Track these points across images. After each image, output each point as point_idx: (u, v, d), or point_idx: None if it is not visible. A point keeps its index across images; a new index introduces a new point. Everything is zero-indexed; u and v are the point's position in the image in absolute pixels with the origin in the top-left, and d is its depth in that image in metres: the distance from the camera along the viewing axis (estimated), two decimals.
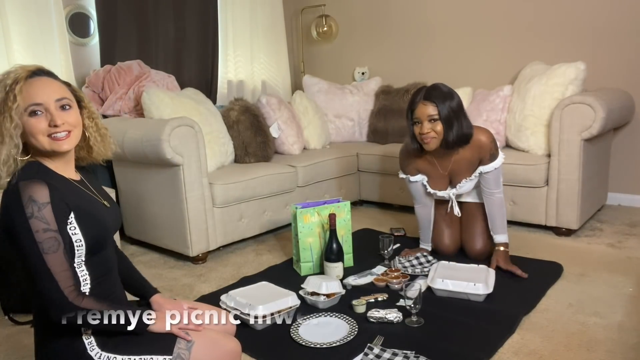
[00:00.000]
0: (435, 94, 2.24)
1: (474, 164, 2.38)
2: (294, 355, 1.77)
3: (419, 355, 1.70)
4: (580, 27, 3.39)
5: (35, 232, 1.12)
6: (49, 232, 1.14)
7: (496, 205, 2.43)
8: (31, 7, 3.04)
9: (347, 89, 4.07)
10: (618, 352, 1.72)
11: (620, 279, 2.28)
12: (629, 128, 3.35)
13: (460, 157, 2.37)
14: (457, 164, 2.40)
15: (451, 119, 2.23)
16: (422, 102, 2.25)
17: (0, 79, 1.20)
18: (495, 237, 2.44)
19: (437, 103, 2.22)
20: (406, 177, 2.54)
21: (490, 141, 2.33)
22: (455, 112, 2.24)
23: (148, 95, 2.86)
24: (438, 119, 2.22)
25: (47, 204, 1.14)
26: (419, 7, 4.05)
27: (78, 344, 1.22)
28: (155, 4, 3.71)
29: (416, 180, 2.52)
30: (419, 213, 2.64)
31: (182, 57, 3.92)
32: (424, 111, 2.23)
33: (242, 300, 1.99)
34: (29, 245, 1.12)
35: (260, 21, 4.34)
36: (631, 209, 3.33)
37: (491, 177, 2.38)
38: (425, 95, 2.25)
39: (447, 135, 2.24)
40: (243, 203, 2.88)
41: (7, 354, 1.88)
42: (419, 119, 2.26)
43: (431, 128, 2.23)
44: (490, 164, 2.35)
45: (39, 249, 1.12)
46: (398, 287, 2.22)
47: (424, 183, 2.51)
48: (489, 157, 2.34)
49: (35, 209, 1.13)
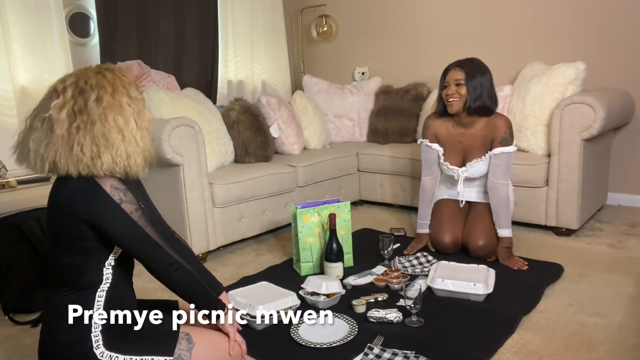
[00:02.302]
0: (468, 63, 2.49)
1: (486, 144, 2.51)
2: (294, 355, 1.77)
3: (419, 355, 1.70)
4: (580, 27, 3.39)
5: (130, 214, 1.22)
6: (139, 210, 1.25)
7: (501, 197, 2.47)
8: (31, 7, 3.04)
9: (347, 89, 4.06)
10: (618, 352, 1.72)
11: (620, 279, 2.28)
12: (629, 128, 3.35)
13: (477, 131, 2.52)
14: (473, 138, 2.53)
15: (477, 87, 2.44)
16: (454, 68, 2.50)
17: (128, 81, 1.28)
18: (499, 231, 2.50)
19: (466, 70, 2.45)
20: (424, 142, 2.65)
21: (507, 126, 2.48)
22: (482, 83, 2.45)
23: (148, 95, 2.86)
24: (464, 84, 2.44)
25: (127, 190, 1.25)
26: (419, 7, 4.05)
27: (85, 341, 1.23)
28: (155, 4, 3.71)
29: (433, 148, 2.62)
30: (425, 185, 2.69)
31: (182, 57, 3.92)
32: (453, 75, 2.48)
33: (242, 300, 1.99)
34: (129, 226, 1.22)
35: (260, 21, 4.34)
36: (631, 209, 3.33)
37: (499, 162, 2.46)
38: (459, 63, 2.50)
39: (470, 100, 2.44)
40: (243, 203, 2.88)
41: (7, 354, 1.88)
42: (448, 82, 2.49)
43: (456, 90, 2.45)
44: (500, 148, 2.46)
45: (139, 226, 1.23)
46: (398, 287, 2.22)
47: (439, 154, 2.61)
48: (501, 140, 2.46)
49: (121, 195, 1.22)
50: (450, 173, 2.63)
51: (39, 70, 3.12)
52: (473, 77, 2.44)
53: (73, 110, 1.19)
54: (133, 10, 3.59)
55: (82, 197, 1.20)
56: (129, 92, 1.25)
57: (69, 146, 1.18)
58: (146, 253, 1.26)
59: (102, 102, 1.20)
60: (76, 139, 1.18)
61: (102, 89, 1.21)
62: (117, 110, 1.22)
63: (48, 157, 1.19)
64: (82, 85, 1.21)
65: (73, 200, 1.20)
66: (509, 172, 2.50)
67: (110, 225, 1.21)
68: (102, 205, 1.20)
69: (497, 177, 2.48)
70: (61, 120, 1.18)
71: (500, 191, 2.48)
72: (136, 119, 1.25)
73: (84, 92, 1.20)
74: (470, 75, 2.44)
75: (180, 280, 1.30)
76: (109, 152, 1.19)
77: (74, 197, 1.20)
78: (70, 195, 1.21)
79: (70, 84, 1.21)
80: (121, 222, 1.21)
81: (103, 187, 1.20)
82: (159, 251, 1.26)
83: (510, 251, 2.48)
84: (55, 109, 1.19)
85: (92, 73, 1.24)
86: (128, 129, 1.23)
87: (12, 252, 2.14)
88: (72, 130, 1.18)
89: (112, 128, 1.20)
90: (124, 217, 1.21)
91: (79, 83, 1.21)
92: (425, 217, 2.69)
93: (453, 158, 2.60)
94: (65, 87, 1.21)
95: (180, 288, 1.32)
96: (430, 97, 3.69)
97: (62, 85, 1.22)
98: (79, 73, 1.24)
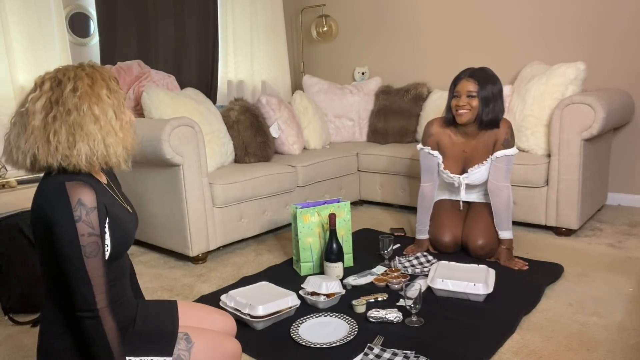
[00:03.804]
0: (480, 74, 2.43)
1: (488, 150, 2.50)
2: (294, 355, 1.77)
3: (419, 355, 1.70)
4: (580, 27, 3.39)
5: (81, 236, 1.13)
6: (93, 237, 1.14)
7: (503, 200, 2.47)
8: (31, 7, 3.05)
9: (347, 89, 4.07)
10: (618, 352, 1.72)
11: (620, 279, 2.28)
12: (629, 128, 3.35)
13: (482, 141, 2.50)
14: (476, 147, 2.51)
15: (489, 100, 2.40)
16: (466, 78, 2.43)
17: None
18: (500, 233, 2.49)
19: (479, 82, 2.40)
20: (425, 149, 2.60)
21: (507, 127, 2.48)
22: (494, 95, 2.41)
23: (148, 95, 2.86)
24: (476, 96, 2.40)
25: (94, 209, 1.15)
26: (420, 7, 4.05)
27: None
28: (155, 4, 3.71)
29: (433, 155, 2.58)
30: (425, 192, 2.65)
31: (182, 57, 3.92)
32: (465, 86, 2.42)
33: (242, 300, 1.99)
34: (70, 247, 1.12)
35: (260, 21, 4.34)
36: (631, 209, 3.34)
37: (501, 165, 2.45)
38: (471, 73, 2.44)
39: (482, 113, 2.41)
40: (243, 203, 2.88)
41: (7, 354, 1.88)
42: (459, 92, 2.43)
43: (467, 102, 2.41)
44: (502, 150, 2.45)
45: (81, 252, 1.13)
46: (398, 287, 2.22)
47: (439, 162, 2.58)
48: (503, 142, 2.45)
49: (83, 213, 1.13)
50: (450, 181, 2.61)
51: (39, 70, 3.12)
52: (485, 89, 2.39)
53: (50, 101, 1.16)
54: (133, 10, 3.59)
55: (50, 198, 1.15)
56: (108, 84, 1.22)
57: (45, 136, 1.15)
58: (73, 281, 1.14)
59: (77, 91, 1.17)
60: (52, 128, 1.15)
61: (79, 80, 1.18)
62: (94, 100, 1.18)
63: (28, 150, 1.16)
64: (59, 77, 1.19)
65: (44, 196, 1.17)
66: (510, 174, 2.50)
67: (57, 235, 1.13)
68: (59, 211, 1.13)
69: (498, 180, 2.47)
70: (37, 111, 1.16)
71: (502, 194, 2.47)
72: (115, 111, 1.21)
73: (60, 84, 1.18)
74: (483, 87, 2.39)
75: (89, 332, 1.15)
76: (85, 141, 1.16)
77: (46, 195, 1.16)
78: (40, 192, 1.18)
79: (49, 78, 1.20)
80: (67, 238, 1.12)
81: (70, 196, 1.13)
82: (87, 288, 1.13)
83: (510, 252, 2.48)
84: (31, 102, 1.17)
85: (71, 67, 1.21)
86: (106, 118, 1.19)
87: (12, 252, 2.14)
88: (47, 121, 1.15)
89: (88, 117, 1.16)
90: (71, 235, 1.12)
91: (57, 75, 1.19)
92: (424, 223, 2.67)
93: (453, 166, 2.57)
94: (43, 80, 1.20)
95: (88, 342, 1.16)
96: (430, 97, 3.70)
97: (41, 79, 1.20)
98: (60, 68, 1.22)
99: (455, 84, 2.47)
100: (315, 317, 2.01)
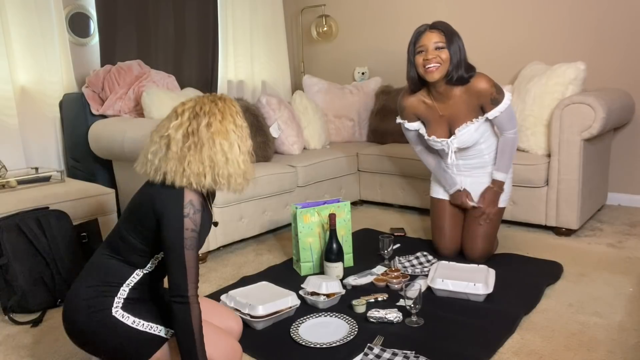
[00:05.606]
0: (443, 25, 2.25)
1: (473, 109, 2.33)
2: (294, 355, 1.76)
3: (419, 355, 1.70)
4: (580, 27, 3.40)
5: (185, 230, 1.35)
6: (194, 233, 1.37)
7: (508, 143, 2.39)
8: (31, 7, 3.05)
9: (347, 89, 4.07)
10: (618, 352, 1.72)
11: (620, 279, 2.28)
12: (629, 128, 3.35)
13: (458, 100, 2.32)
14: (455, 106, 2.34)
15: (457, 52, 2.21)
16: (428, 30, 2.24)
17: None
18: (495, 173, 2.42)
19: (445, 32, 2.22)
20: (402, 122, 2.51)
21: (490, 86, 2.27)
22: (461, 48, 2.24)
23: (148, 95, 2.86)
24: (444, 47, 2.21)
25: (200, 211, 1.39)
26: (419, 7, 4.05)
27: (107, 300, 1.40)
28: (155, 4, 3.71)
29: (413, 129, 2.49)
30: (422, 154, 2.59)
31: (182, 57, 3.92)
32: (430, 38, 2.22)
33: (242, 300, 1.99)
34: (176, 237, 1.34)
35: (260, 21, 4.35)
36: (631, 209, 3.34)
37: (502, 119, 2.34)
38: (432, 25, 2.25)
39: (452, 67, 2.22)
40: (243, 203, 2.88)
41: (7, 354, 1.88)
42: (425, 46, 2.22)
43: (437, 54, 2.21)
44: (495, 109, 2.30)
45: (183, 244, 1.35)
46: (398, 287, 2.22)
47: (421, 132, 2.48)
48: (491, 102, 2.29)
49: (192, 211, 1.37)
50: (439, 147, 2.46)
51: (39, 70, 3.12)
52: (452, 41, 2.20)
53: (187, 132, 1.38)
54: (133, 10, 3.59)
55: (165, 195, 1.38)
56: (235, 120, 1.44)
57: (180, 162, 1.37)
58: (171, 267, 1.35)
59: (211, 127, 1.39)
60: (187, 157, 1.37)
61: (212, 116, 1.40)
62: (223, 135, 1.40)
63: (161, 168, 1.39)
64: (197, 110, 1.40)
65: (159, 193, 1.39)
66: (514, 120, 2.37)
67: (166, 225, 1.35)
68: (172, 206, 1.36)
69: (505, 130, 2.36)
70: (177, 140, 1.38)
71: (507, 138, 2.37)
72: (239, 144, 1.45)
73: (197, 117, 1.40)
74: (450, 37, 2.20)
75: (177, 315, 1.34)
76: (212, 171, 1.39)
77: (162, 193, 1.39)
78: (158, 191, 1.40)
79: (188, 108, 1.41)
80: (174, 229, 1.34)
81: (185, 197, 1.37)
82: (182, 276, 1.34)
83: (497, 196, 2.38)
84: (173, 129, 1.39)
85: (207, 100, 1.43)
86: (232, 152, 1.42)
87: (12, 252, 2.14)
88: (184, 149, 1.38)
89: (218, 152, 1.39)
90: (179, 227, 1.34)
91: (195, 108, 1.41)
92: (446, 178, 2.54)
93: (438, 131, 2.41)
94: (184, 110, 1.41)
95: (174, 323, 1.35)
96: None
97: (182, 108, 1.42)
98: (197, 99, 1.44)
99: (417, 39, 2.26)
100: (315, 317, 2.01)
